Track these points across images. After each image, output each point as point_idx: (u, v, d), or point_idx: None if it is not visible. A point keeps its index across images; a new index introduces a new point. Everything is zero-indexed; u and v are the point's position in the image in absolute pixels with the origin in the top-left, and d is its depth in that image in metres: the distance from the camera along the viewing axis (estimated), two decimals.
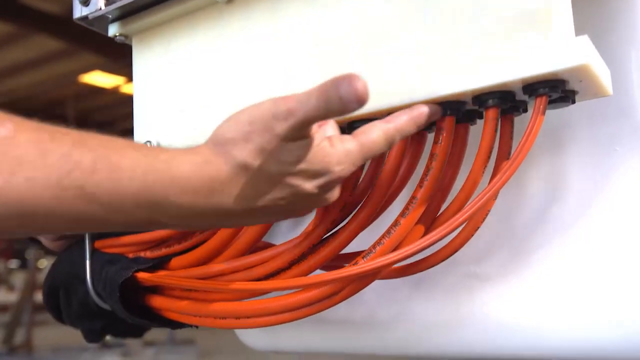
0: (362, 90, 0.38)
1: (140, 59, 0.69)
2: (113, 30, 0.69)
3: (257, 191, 0.43)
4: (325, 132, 0.48)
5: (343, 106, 0.39)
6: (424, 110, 0.48)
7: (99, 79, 7.47)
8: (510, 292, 0.62)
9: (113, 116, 9.03)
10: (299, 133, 0.42)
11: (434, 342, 0.67)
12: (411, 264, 0.56)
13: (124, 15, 0.67)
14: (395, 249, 0.50)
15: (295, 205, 0.46)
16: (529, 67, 0.43)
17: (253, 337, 0.77)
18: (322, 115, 0.41)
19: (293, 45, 0.57)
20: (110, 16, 0.67)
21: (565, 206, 0.61)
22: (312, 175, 0.44)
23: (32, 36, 6.27)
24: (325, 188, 0.46)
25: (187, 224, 0.46)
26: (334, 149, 0.44)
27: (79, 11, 0.67)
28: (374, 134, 0.46)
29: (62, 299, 0.74)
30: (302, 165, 0.43)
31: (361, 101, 0.39)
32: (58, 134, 0.39)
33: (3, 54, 6.64)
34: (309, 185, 0.45)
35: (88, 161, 0.39)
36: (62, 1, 5.95)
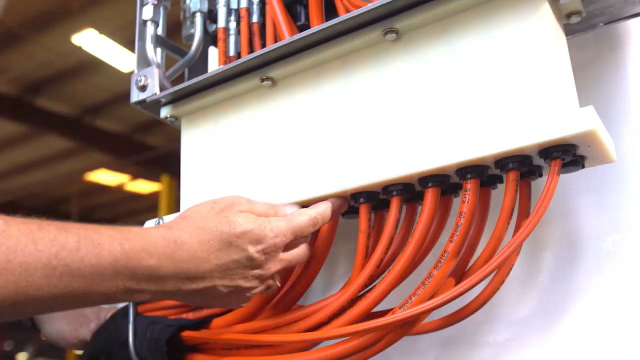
0: None
1: (188, 137, 0.76)
2: (165, 112, 0.77)
3: (211, 247, 0.52)
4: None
5: None
6: (336, 201, 0.61)
7: (103, 177, 7.63)
8: (535, 351, 0.66)
9: (116, 213, 9.11)
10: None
11: None
12: (444, 317, 0.60)
13: (176, 99, 0.76)
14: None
15: (246, 271, 0.55)
16: (544, 133, 0.50)
17: None
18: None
19: (329, 120, 0.65)
20: (163, 100, 0.76)
21: (580, 267, 0.66)
22: (254, 240, 0.54)
23: (43, 136, 6.48)
24: (265, 252, 0.55)
25: (155, 288, 0.51)
26: (269, 224, 0.56)
27: (135, 96, 0.76)
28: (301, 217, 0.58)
29: None
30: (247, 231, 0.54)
31: None
32: (44, 224, 0.46)
33: (15, 153, 6.83)
34: (253, 249, 0.54)
35: (72, 242, 0.46)
36: (72, 103, 6.21)
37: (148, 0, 0.79)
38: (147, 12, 0.79)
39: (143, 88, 0.75)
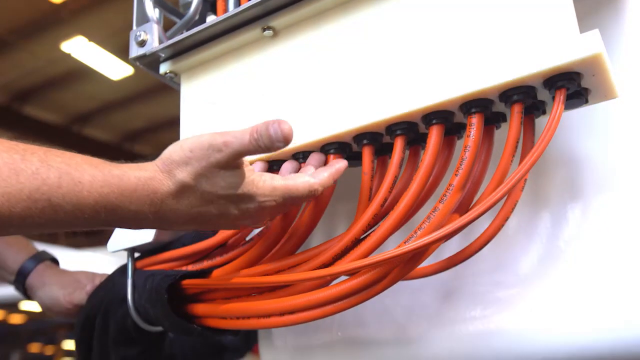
0: (287, 132, 0.50)
1: (188, 92, 0.76)
2: (164, 68, 0.76)
3: (191, 204, 0.52)
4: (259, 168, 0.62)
5: (271, 144, 0.50)
6: (340, 166, 0.60)
7: None
8: (539, 303, 0.65)
9: None
10: (231, 163, 0.51)
11: (466, 353, 0.68)
12: (449, 258, 0.59)
13: (175, 54, 0.75)
14: None
15: (221, 221, 0.55)
16: (549, 60, 0.51)
17: None
18: (253, 150, 0.51)
19: (332, 66, 0.65)
20: (162, 55, 0.75)
21: (584, 216, 0.66)
22: (238, 200, 0.53)
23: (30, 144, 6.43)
24: (247, 213, 0.55)
25: (137, 226, 0.53)
26: (262, 184, 0.54)
27: (135, 51, 0.75)
28: (299, 182, 0.55)
29: (98, 327, 0.75)
30: (231, 191, 0.53)
31: (287, 141, 0.50)
32: (27, 154, 0.46)
33: None
34: (233, 208, 0.54)
35: (54, 177, 0.46)
36: (61, 111, 6.18)
37: None
38: None
39: (142, 43, 0.74)
